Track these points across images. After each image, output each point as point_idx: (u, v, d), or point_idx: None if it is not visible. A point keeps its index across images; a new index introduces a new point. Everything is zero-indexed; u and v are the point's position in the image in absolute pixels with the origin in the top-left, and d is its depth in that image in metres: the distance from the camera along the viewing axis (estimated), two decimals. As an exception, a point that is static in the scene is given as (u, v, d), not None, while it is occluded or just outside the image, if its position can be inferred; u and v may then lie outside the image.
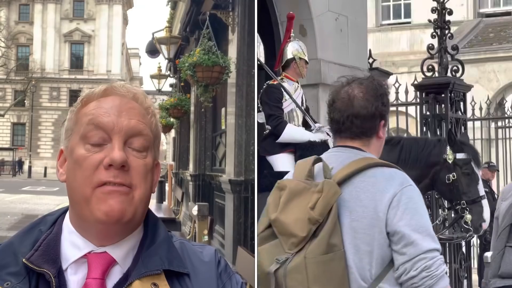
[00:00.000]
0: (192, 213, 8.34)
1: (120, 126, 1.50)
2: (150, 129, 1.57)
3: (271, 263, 2.24)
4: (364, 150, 2.39)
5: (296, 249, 2.19)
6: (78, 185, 1.48)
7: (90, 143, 1.49)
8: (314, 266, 2.15)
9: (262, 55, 5.49)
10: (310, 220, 2.17)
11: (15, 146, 59.54)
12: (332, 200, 2.19)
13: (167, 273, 1.51)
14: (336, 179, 2.25)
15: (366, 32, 8.00)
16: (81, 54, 66.04)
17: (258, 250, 2.34)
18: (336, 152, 2.44)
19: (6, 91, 62.75)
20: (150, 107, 1.61)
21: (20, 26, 65.27)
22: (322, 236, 2.16)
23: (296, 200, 2.25)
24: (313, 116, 5.73)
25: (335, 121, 2.46)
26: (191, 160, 12.32)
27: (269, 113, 5.31)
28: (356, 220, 2.22)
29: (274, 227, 2.29)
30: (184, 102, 13.33)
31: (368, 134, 2.40)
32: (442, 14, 8.77)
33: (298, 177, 2.34)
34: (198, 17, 8.74)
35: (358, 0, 7.78)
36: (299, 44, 5.64)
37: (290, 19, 5.68)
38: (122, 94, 1.56)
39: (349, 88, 2.43)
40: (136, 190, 1.50)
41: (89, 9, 65.70)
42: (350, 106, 2.39)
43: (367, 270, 2.19)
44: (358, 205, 2.23)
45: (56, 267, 1.47)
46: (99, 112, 1.51)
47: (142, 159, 1.52)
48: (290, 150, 5.30)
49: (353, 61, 7.35)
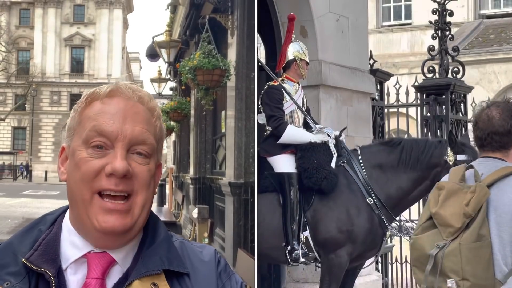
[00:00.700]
0: (193, 216, 8.35)
1: (124, 134, 1.48)
2: (154, 133, 1.55)
3: (432, 247, 2.80)
4: (505, 160, 2.93)
5: (452, 237, 2.77)
6: (78, 188, 1.47)
7: (92, 147, 1.47)
8: (467, 251, 2.72)
9: (262, 56, 5.51)
10: (464, 214, 2.74)
11: (15, 150, 59.39)
12: (483, 199, 2.75)
13: (167, 273, 1.50)
14: (485, 183, 2.80)
15: (367, 33, 8.00)
16: (82, 58, 65.83)
17: (419, 236, 2.87)
18: (483, 162, 2.96)
19: (7, 95, 62.58)
20: (155, 109, 1.59)
21: (20, 30, 65.10)
22: (474, 227, 2.73)
23: (452, 198, 2.82)
24: (314, 117, 5.73)
25: (479, 138, 2.99)
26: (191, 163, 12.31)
27: (270, 114, 5.31)
28: (499, 216, 2.75)
29: (434, 219, 2.85)
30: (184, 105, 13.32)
31: (506, 147, 2.93)
32: (443, 16, 8.78)
33: (453, 180, 2.91)
34: (197, 21, 8.73)
35: (359, 1, 7.79)
36: (299, 45, 5.64)
37: (291, 20, 5.68)
38: (128, 97, 1.54)
39: (488, 111, 2.93)
40: (138, 196, 1.49)
41: (89, 13, 65.59)
42: (490, 125, 2.90)
43: (509, 256, 2.72)
44: (501, 204, 2.76)
45: (55, 267, 1.46)
46: (103, 118, 1.49)
47: (145, 165, 1.51)
48: (290, 151, 5.30)
49: (354, 62, 7.36)
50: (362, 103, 7.41)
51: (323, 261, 5.22)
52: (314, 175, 5.10)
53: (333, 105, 6.92)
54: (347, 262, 5.16)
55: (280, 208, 5.22)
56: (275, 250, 5.25)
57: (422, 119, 8.55)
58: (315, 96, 6.70)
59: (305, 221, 5.20)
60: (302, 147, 5.24)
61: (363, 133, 7.30)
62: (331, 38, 7.12)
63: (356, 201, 5.19)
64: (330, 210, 5.18)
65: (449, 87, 8.36)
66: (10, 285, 1.44)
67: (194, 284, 1.53)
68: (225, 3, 7.71)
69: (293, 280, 6.74)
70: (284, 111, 5.38)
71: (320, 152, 5.21)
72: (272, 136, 5.34)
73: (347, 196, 5.20)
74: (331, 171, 5.14)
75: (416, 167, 5.18)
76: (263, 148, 5.45)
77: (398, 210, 5.45)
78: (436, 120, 8.38)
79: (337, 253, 5.13)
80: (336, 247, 5.13)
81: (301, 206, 5.20)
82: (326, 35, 7.04)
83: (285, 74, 5.59)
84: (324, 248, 5.19)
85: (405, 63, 20.93)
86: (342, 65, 7.12)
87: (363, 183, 5.20)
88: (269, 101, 5.34)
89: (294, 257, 5.14)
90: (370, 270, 6.93)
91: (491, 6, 21.52)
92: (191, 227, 9.19)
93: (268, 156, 5.37)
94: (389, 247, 8.12)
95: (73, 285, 1.47)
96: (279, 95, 5.36)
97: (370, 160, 5.29)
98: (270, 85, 5.46)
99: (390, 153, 5.31)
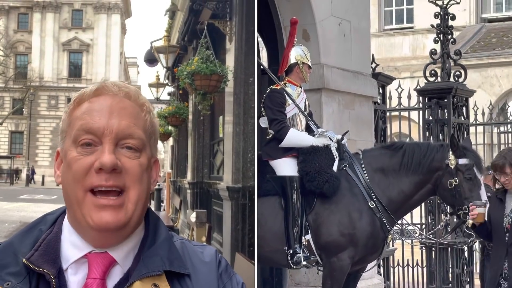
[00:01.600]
0: (191, 220, 8.35)
1: (110, 128, 1.47)
2: (144, 128, 1.54)
3: None
4: None
5: None
6: (71, 188, 1.47)
7: (81, 146, 1.48)
8: None
9: (265, 60, 5.52)
10: None
11: (13, 154, 59.28)
12: None
13: (167, 273, 1.50)
14: None
15: (369, 37, 8.01)
16: (80, 63, 65.73)
17: None
18: None
19: (5, 99, 62.45)
20: (144, 104, 1.58)
21: (18, 34, 64.98)
22: None
23: None
24: (316, 121, 5.73)
25: None
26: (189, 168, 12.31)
27: (272, 118, 5.31)
28: None
29: None
30: (182, 110, 13.32)
31: None
32: (445, 19, 8.80)
33: None
34: (196, 27, 8.73)
35: (361, 5, 7.80)
36: (302, 48, 5.65)
37: (294, 24, 5.69)
38: (114, 93, 1.54)
39: None
40: (130, 191, 1.48)
41: (87, 18, 65.53)
42: None
43: None
44: None
45: (56, 267, 1.46)
46: (90, 116, 1.49)
47: (136, 159, 1.50)
48: (292, 154, 5.30)
49: (356, 65, 7.37)
50: (364, 107, 7.41)
51: (325, 265, 5.22)
52: (316, 179, 5.09)
53: (335, 109, 6.93)
54: (349, 266, 5.16)
55: (282, 212, 5.23)
56: (277, 254, 5.25)
57: (424, 123, 8.56)
58: (317, 100, 6.70)
59: (307, 224, 5.20)
60: (304, 150, 5.24)
61: (365, 137, 7.31)
62: (333, 41, 7.13)
63: (358, 204, 5.18)
64: (332, 213, 5.18)
65: (451, 91, 8.37)
66: (10, 285, 1.43)
67: (195, 285, 1.53)
68: (224, 9, 7.72)
69: (295, 284, 6.74)
70: (286, 114, 5.38)
71: (322, 156, 5.21)
72: (274, 140, 5.34)
73: (349, 199, 5.20)
74: (333, 174, 5.14)
75: (417, 170, 5.18)
76: (265, 152, 5.45)
77: (400, 213, 5.45)
78: (438, 124, 8.39)
79: (339, 256, 5.13)
80: (338, 250, 5.13)
81: (303, 210, 5.19)
82: (328, 38, 7.06)
83: (287, 78, 5.60)
84: (326, 251, 5.19)
85: (407, 67, 20.95)
86: (344, 68, 7.13)
87: (365, 186, 5.19)
88: (271, 105, 5.35)
89: (295, 260, 5.14)
90: (372, 273, 6.93)
91: (493, 10, 21.53)
92: (189, 231, 9.20)
93: (270, 159, 5.37)
94: (391, 250, 8.12)
95: (74, 286, 1.46)
96: (281, 98, 5.36)
97: (372, 164, 5.30)
98: (272, 88, 5.46)
99: (392, 157, 5.31)
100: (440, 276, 8.22)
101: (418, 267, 9.18)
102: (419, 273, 9.14)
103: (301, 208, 5.18)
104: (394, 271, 9.14)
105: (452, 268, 8.29)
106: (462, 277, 8.36)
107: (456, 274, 8.27)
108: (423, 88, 8.72)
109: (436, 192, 5.25)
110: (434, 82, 8.71)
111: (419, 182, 5.22)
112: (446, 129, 8.36)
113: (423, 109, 8.65)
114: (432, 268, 8.35)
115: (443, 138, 8.26)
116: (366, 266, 5.56)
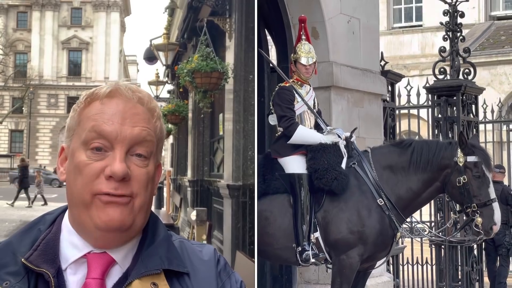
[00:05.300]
0: (191, 218, 8.36)
1: (123, 135, 1.47)
2: (155, 133, 1.54)
3: None
4: None
5: None
6: (78, 191, 1.47)
7: (92, 149, 1.47)
8: None
9: (274, 57, 5.52)
10: None
11: (13, 153, 59.15)
12: None
13: (166, 272, 1.50)
14: None
15: (378, 35, 8.01)
16: (79, 61, 65.47)
17: None
18: None
19: (4, 98, 62.30)
20: (155, 109, 1.58)
21: (18, 33, 64.79)
22: None
23: None
24: (325, 118, 5.73)
25: None
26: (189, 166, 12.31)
27: (281, 114, 5.32)
28: None
29: None
30: (182, 108, 13.33)
31: None
32: (454, 17, 8.77)
33: None
34: (195, 24, 8.73)
35: (370, 3, 7.79)
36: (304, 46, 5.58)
37: (302, 21, 5.69)
38: (127, 98, 1.53)
39: None
40: (137, 198, 1.49)
41: (87, 16, 65.37)
42: None
43: None
44: None
45: (55, 267, 1.46)
46: (102, 118, 1.48)
47: (144, 167, 1.51)
48: (301, 152, 5.31)
49: (365, 63, 7.36)
50: (373, 105, 7.41)
51: (334, 262, 5.23)
52: (324, 176, 5.10)
53: (344, 107, 6.93)
54: (358, 263, 5.17)
55: (291, 209, 5.24)
56: (286, 251, 5.27)
57: (433, 121, 8.55)
58: (327, 98, 6.70)
59: (315, 222, 5.21)
60: (313, 148, 5.25)
61: (374, 135, 7.31)
62: (342, 39, 7.13)
63: (366, 202, 5.19)
64: (340, 211, 5.18)
65: (460, 89, 8.35)
66: (9, 284, 1.44)
67: (194, 283, 1.54)
68: (223, 6, 7.73)
69: (304, 282, 6.76)
70: (295, 112, 5.38)
71: (330, 153, 5.22)
72: (283, 137, 5.35)
73: (358, 197, 5.20)
74: (342, 172, 5.14)
75: (426, 168, 5.18)
76: (274, 149, 5.46)
77: (409, 211, 5.45)
78: (447, 122, 8.38)
79: (348, 254, 5.13)
80: (347, 248, 5.14)
81: (311, 207, 5.20)
82: (338, 36, 7.05)
83: (295, 76, 5.60)
84: (335, 249, 5.19)
85: (416, 65, 20.90)
86: (353, 66, 7.13)
87: (374, 184, 5.20)
88: (280, 102, 5.35)
89: (304, 257, 5.15)
90: (381, 271, 6.93)
91: (502, 7, 21.46)
92: (189, 229, 9.21)
93: (279, 157, 5.38)
94: (400, 248, 8.12)
95: (73, 285, 1.47)
96: (290, 95, 5.36)
97: (380, 161, 5.30)
98: (281, 86, 5.47)
99: (400, 155, 5.31)
100: (450, 274, 8.21)
101: (428, 265, 9.18)
102: (429, 271, 9.14)
103: (309, 205, 5.19)
104: (403, 269, 9.14)
105: (461, 266, 8.28)
106: (471, 275, 8.34)
107: (465, 272, 8.26)
108: (432, 85, 8.71)
109: (444, 190, 5.25)
110: (443, 80, 8.69)
111: (427, 179, 5.22)
112: (455, 127, 8.34)
113: (432, 107, 8.63)
114: (442, 266, 8.34)
115: (452, 136, 8.25)
116: (375, 264, 5.57)
